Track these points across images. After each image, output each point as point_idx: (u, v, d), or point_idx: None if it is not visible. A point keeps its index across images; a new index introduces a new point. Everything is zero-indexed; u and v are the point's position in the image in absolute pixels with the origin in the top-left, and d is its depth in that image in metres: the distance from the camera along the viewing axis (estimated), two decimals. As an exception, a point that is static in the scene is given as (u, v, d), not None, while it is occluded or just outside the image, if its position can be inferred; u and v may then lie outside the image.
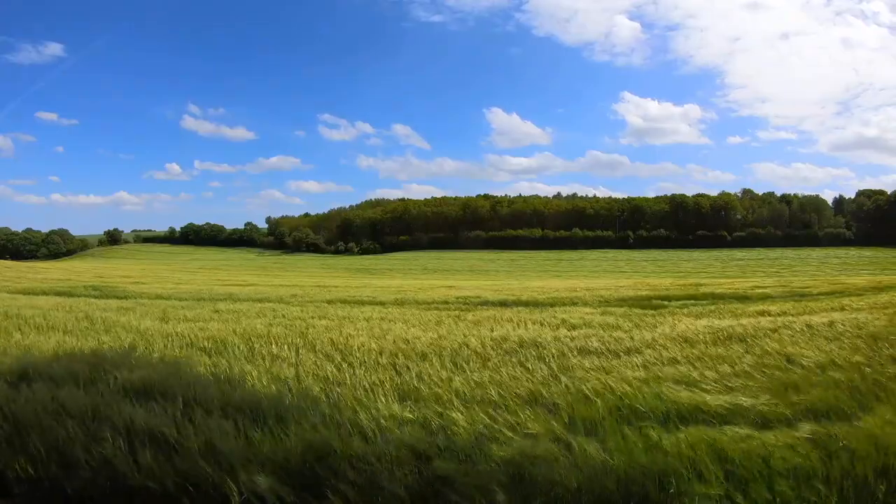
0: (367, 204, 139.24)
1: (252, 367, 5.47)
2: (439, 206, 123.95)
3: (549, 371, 5.27)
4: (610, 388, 4.45)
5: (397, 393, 4.53)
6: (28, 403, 4.00)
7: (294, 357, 6.10)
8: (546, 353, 6.18)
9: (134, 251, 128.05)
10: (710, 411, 3.90)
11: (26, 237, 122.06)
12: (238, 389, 4.57)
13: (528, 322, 9.15)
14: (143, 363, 5.56)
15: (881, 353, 5.58)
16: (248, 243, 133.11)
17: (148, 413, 3.78)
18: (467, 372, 5.28)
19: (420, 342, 6.84)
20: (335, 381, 4.97)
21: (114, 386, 4.57)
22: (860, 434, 3.16)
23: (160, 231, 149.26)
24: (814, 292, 16.98)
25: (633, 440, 3.14)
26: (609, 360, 5.80)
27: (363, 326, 8.68)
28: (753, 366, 5.23)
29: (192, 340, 7.22)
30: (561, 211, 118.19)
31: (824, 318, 8.62)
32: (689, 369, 5.16)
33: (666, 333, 7.48)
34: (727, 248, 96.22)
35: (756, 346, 6.36)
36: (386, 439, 3.33)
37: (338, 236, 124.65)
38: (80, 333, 8.01)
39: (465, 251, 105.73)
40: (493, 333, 7.65)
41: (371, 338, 7.15)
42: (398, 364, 5.70)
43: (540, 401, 4.20)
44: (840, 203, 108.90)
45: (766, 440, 3.15)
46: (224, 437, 3.35)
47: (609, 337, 7.16)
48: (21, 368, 5.19)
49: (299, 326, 8.57)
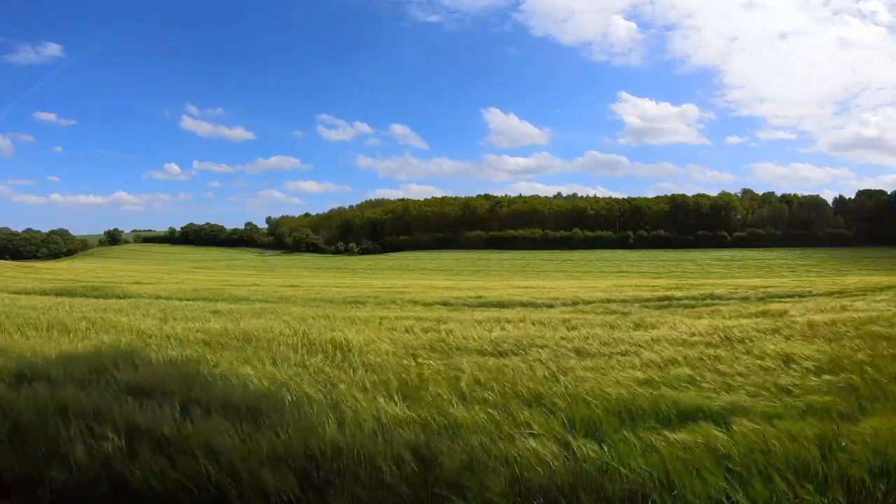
0: (367, 204, 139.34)
1: (252, 367, 5.47)
2: (439, 206, 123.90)
3: (548, 371, 5.27)
4: (609, 388, 4.45)
5: (397, 393, 4.53)
6: (28, 403, 4.00)
7: (293, 357, 6.10)
8: (545, 353, 6.19)
9: (134, 251, 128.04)
10: (711, 411, 3.91)
11: (26, 237, 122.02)
12: (238, 389, 4.57)
13: (527, 322, 9.15)
14: (143, 363, 5.57)
15: (883, 353, 5.58)
16: (248, 243, 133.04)
17: (148, 413, 3.78)
18: (467, 372, 5.28)
19: (419, 342, 6.84)
20: (335, 381, 4.97)
21: (114, 386, 4.58)
22: (860, 434, 3.16)
23: (160, 231, 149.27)
24: (814, 293, 16.97)
25: (633, 440, 3.13)
26: (608, 361, 5.80)
27: (363, 327, 8.68)
28: (753, 366, 5.23)
29: (191, 340, 7.22)
30: (561, 211, 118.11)
31: (826, 318, 8.62)
32: (689, 370, 5.16)
33: (665, 334, 7.47)
34: (727, 249, 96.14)
35: (756, 346, 6.36)
36: (387, 438, 3.33)
37: (338, 236, 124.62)
38: (80, 333, 8.01)
39: (465, 251, 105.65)
40: (493, 334, 7.65)
41: (371, 338, 7.15)
42: (398, 364, 5.70)
43: (539, 401, 4.20)
44: (840, 203, 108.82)
45: (766, 439, 3.15)
46: (224, 437, 3.35)
47: (608, 337, 7.16)
48: (21, 368, 5.20)
49: (299, 326, 8.57)
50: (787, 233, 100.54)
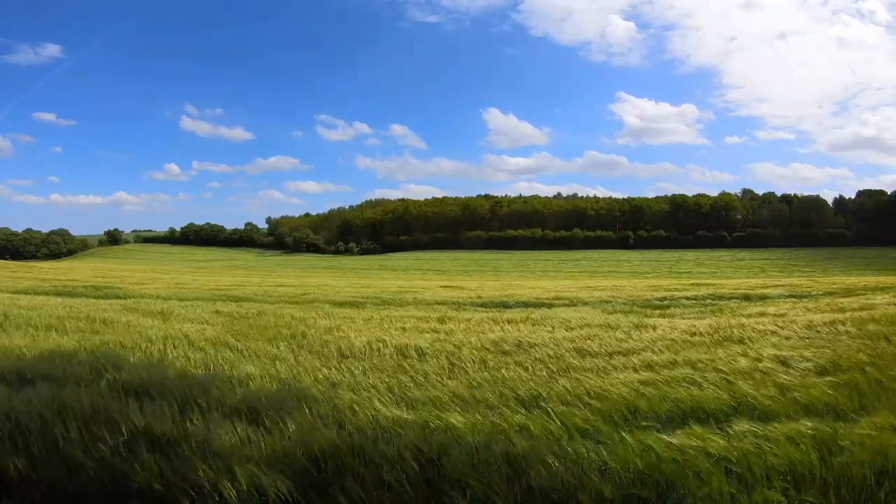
0: (367, 204, 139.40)
1: (252, 367, 5.47)
2: (439, 207, 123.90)
3: (547, 371, 5.27)
4: (609, 389, 4.44)
5: (395, 394, 4.52)
6: (28, 403, 3.99)
7: (293, 357, 6.10)
8: (545, 353, 6.18)
9: (134, 251, 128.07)
10: (711, 412, 3.90)
11: (27, 237, 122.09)
12: (238, 389, 4.58)
13: (527, 322, 9.15)
14: (143, 363, 5.57)
15: (884, 353, 5.58)
16: (248, 243, 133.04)
17: (147, 413, 3.78)
18: (467, 373, 5.28)
19: (419, 343, 6.83)
20: (334, 382, 4.97)
21: (114, 386, 4.57)
22: (860, 434, 3.16)
23: (160, 231, 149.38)
24: (814, 293, 16.97)
25: (631, 442, 3.13)
26: (608, 361, 5.79)
27: (362, 327, 8.67)
28: (753, 366, 5.22)
29: (191, 340, 7.22)
30: (561, 211, 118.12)
31: (826, 317, 8.62)
32: (689, 370, 5.15)
33: (665, 334, 7.47)
34: (728, 249, 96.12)
35: (756, 346, 6.36)
36: (386, 439, 3.33)
37: (338, 236, 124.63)
38: (80, 333, 8.01)
39: (465, 251, 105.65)
40: (492, 335, 7.64)
41: (371, 339, 7.14)
42: (397, 365, 5.70)
43: (538, 401, 4.20)
44: (840, 203, 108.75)
45: (766, 440, 3.14)
46: (223, 437, 3.35)
47: (608, 338, 7.16)
48: (21, 368, 5.20)
49: (299, 327, 8.57)
50: (787, 233, 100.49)
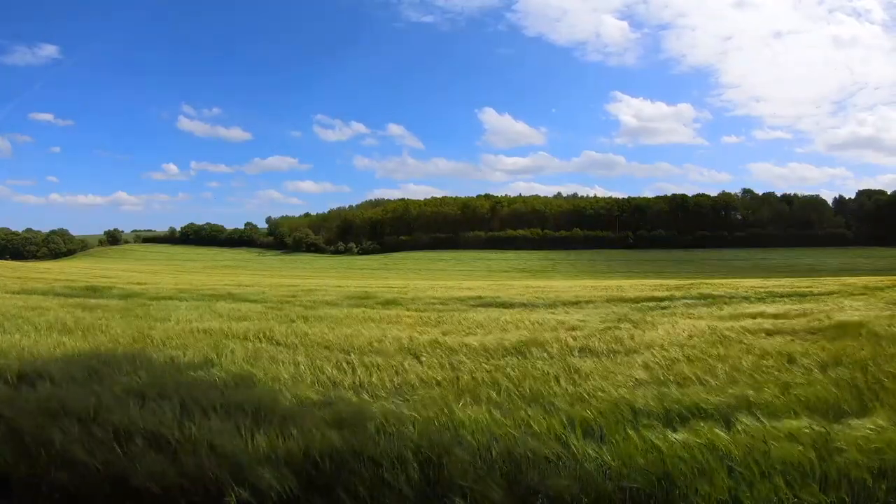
0: (367, 204, 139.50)
1: (252, 367, 5.47)
2: (439, 206, 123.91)
3: (548, 371, 5.26)
4: (610, 388, 4.44)
5: (399, 393, 4.52)
6: (28, 404, 3.99)
7: (293, 357, 6.09)
8: (545, 353, 6.18)
9: (134, 251, 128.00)
10: (711, 411, 3.90)
11: (26, 237, 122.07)
12: (238, 389, 4.57)
13: (528, 322, 9.14)
14: (143, 363, 5.56)
15: (885, 352, 5.57)
16: (248, 243, 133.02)
17: (148, 413, 3.77)
18: (467, 372, 5.27)
19: (419, 342, 6.83)
20: (335, 382, 4.96)
21: (114, 386, 4.56)
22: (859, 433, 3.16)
23: (160, 231, 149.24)
24: (815, 292, 16.96)
25: (634, 440, 3.13)
26: (609, 361, 5.79)
27: (363, 327, 8.66)
28: (755, 365, 5.22)
29: (192, 340, 7.21)
30: (561, 211, 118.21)
31: (827, 317, 8.61)
32: (690, 369, 5.15)
33: (666, 334, 7.46)
34: (727, 249, 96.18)
35: (757, 345, 6.35)
36: (389, 438, 3.33)
37: (338, 236, 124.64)
38: (80, 333, 7.99)
39: (465, 251, 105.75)
40: (494, 334, 7.64)
41: (371, 338, 7.14)
42: (398, 364, 5.69)
43: (540, 400, 4.19)
44: (840, 203, 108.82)
45: (768, 438, 3.14)
46: (225, 437, 3.34)
47: (609, 337, 7.15)
48: (21, 368, 5.19)
49: (299, 327, 8.56)
50: (787, 233, 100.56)
